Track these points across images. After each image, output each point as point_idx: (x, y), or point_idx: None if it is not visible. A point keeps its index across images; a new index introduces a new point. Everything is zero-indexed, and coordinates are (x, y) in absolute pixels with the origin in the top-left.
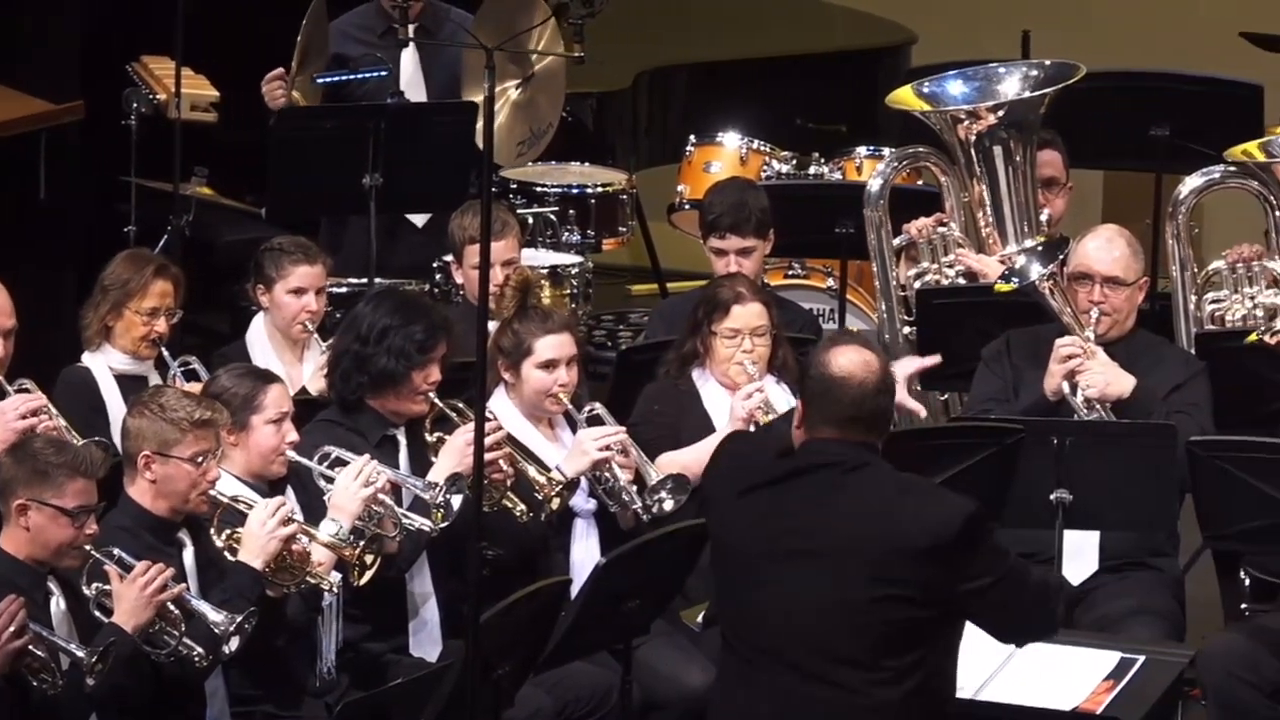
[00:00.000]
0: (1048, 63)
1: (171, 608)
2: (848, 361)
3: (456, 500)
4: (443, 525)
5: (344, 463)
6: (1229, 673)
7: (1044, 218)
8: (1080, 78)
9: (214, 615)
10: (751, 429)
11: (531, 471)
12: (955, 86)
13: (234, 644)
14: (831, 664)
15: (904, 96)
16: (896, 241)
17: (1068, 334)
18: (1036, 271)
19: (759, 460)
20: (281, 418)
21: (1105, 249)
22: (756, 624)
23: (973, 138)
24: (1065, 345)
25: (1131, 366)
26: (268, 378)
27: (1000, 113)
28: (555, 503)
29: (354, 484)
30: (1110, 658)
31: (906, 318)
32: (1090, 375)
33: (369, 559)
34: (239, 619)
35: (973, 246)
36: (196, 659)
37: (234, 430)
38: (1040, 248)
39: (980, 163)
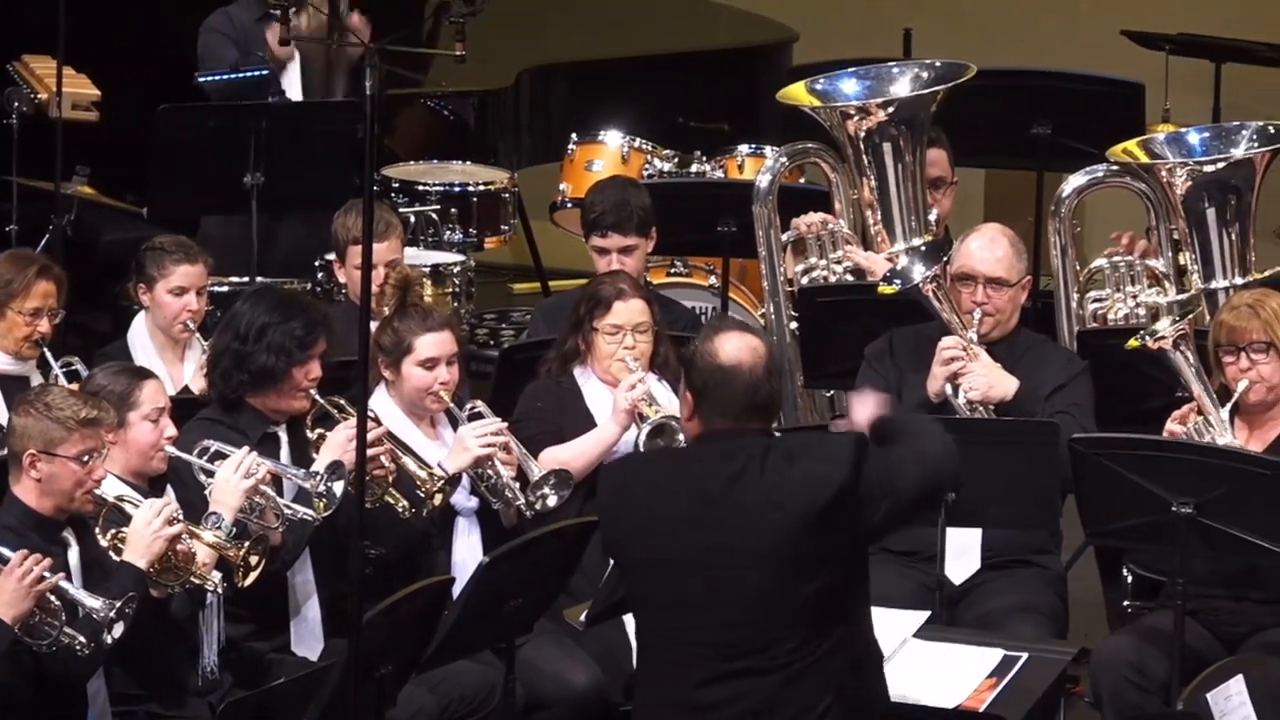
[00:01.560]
0: (938, 62)
1: (51, 598)
2: (735, 349)
3: (338, 487)
4: (326, 513)
5: (224, 456)
6: (1121, 676)
7: (931, 217)
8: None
9: (92, 602)
10: (635, 420)
11: (413, 467)
12: (848, 85)
13: (116, 630)
14: (764, 650)
15: (796, 92)
16: (785, 238)
17: (950, 334)
18: (919, 273)
19: (655, 467)
20: (158, 413)
21: (988, 249)
22: (685, 622)
23: (863, 134)
24: (948, 347)
25: (1014, 366)
26: (142, 374)
27: (891, 109)
28: (437, 499)
29: (234, 476)
30: (993, 655)
31: (794, 314)
32: (973, 377)
33: (254, 560)
34: (118, 604)
35: (861, 243)
36: (79, 648)
37: (112, 429)
38: (923, 248)
39: (870, 159)
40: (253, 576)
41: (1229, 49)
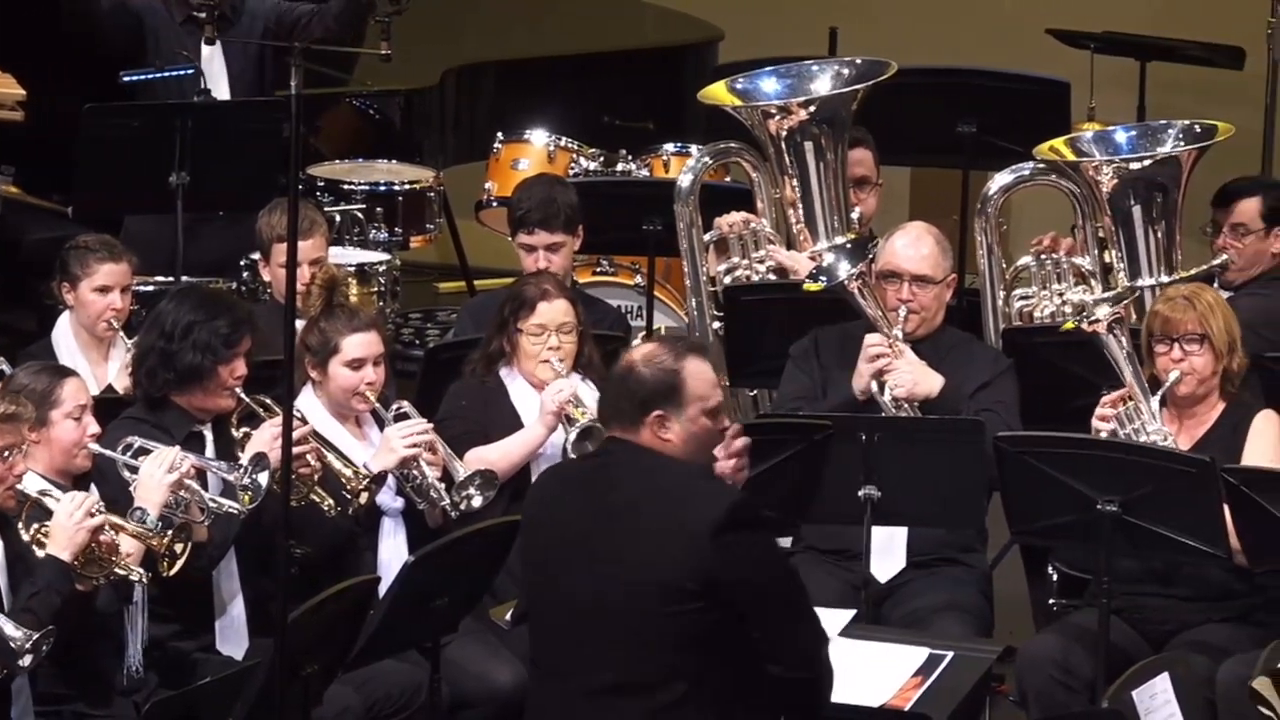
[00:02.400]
0: (859, 60)
1: None
2: (631, 354)
3: (263, 479)
4: (251, 506)
5: (148, 453)
6: (1047, 674)
7: (855, 216)
8: (891, 74)
9: (11, 631)
10: (563, 422)
11: (338, 466)
12: (769, 84)
13: (27, 661)
14: (626, 672)
15: (716, 92)
16: (707, 237)
17: (876, 332)
18: (844, 271)
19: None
20: (80, 411)
21: (913, 247)
22: (556, 634)
23: (784, 132)
24: (873, 345)
25: (939, 364)
26: (64, 372)
27: (812, 108)
28: (363, 497)
29: (159, 470)
30: (918, 654)
31: (717, 313)
32: (898, 375)
33: (178, 548)
34: (35, 637)
35: (783, 242)
36: None
37: (35, 427)
38: (848, 246)
39: (791, 158)
40: (178, 565)
41: (1154, 47)
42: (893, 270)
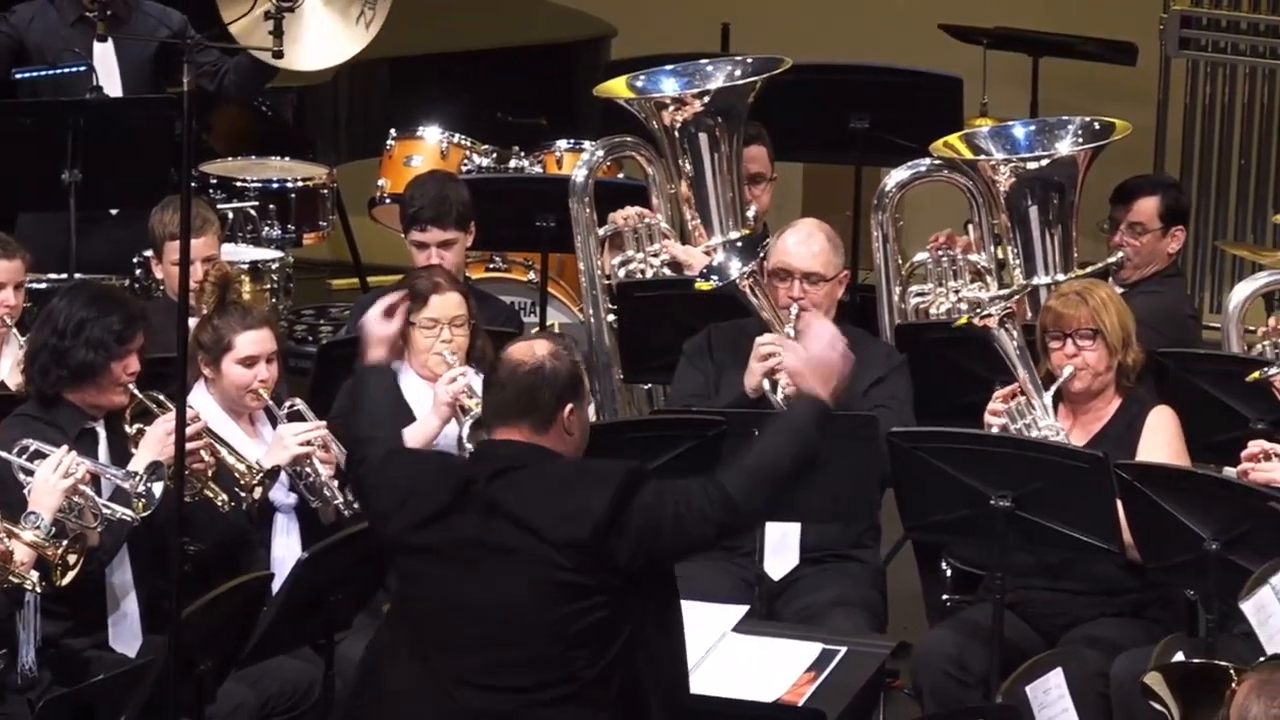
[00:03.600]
0: (752, 57)
1: None
2: (520, 353)
3: (158, 488)
4: (145, 514)
5: (44, 456)
6: (941, 669)
7: (750, 212)
8: (784, 70)
9: None
10: (456, 413)
11: (231, 461)
12: (667, 82)
13: None
14: (522, 671)
15: (615, 86)
16: (601, 232)
17: (768, 330)
18: (735, 270)
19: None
20: None
21: (804, 244)
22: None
23: (678, 127)
24: (765, 344)
25: None
26: None
27: (706, 100)
28: (257, 492)
29: (53, 476)
30: (812, 649)
31: (611, 308)
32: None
33: (71, 559)
34: None
35: (678, 237)
36: None
37: None
38: (741, 244)
39: (686, 153)
40: (70, 575)
41: (1047, 43)
42: (784, 268)
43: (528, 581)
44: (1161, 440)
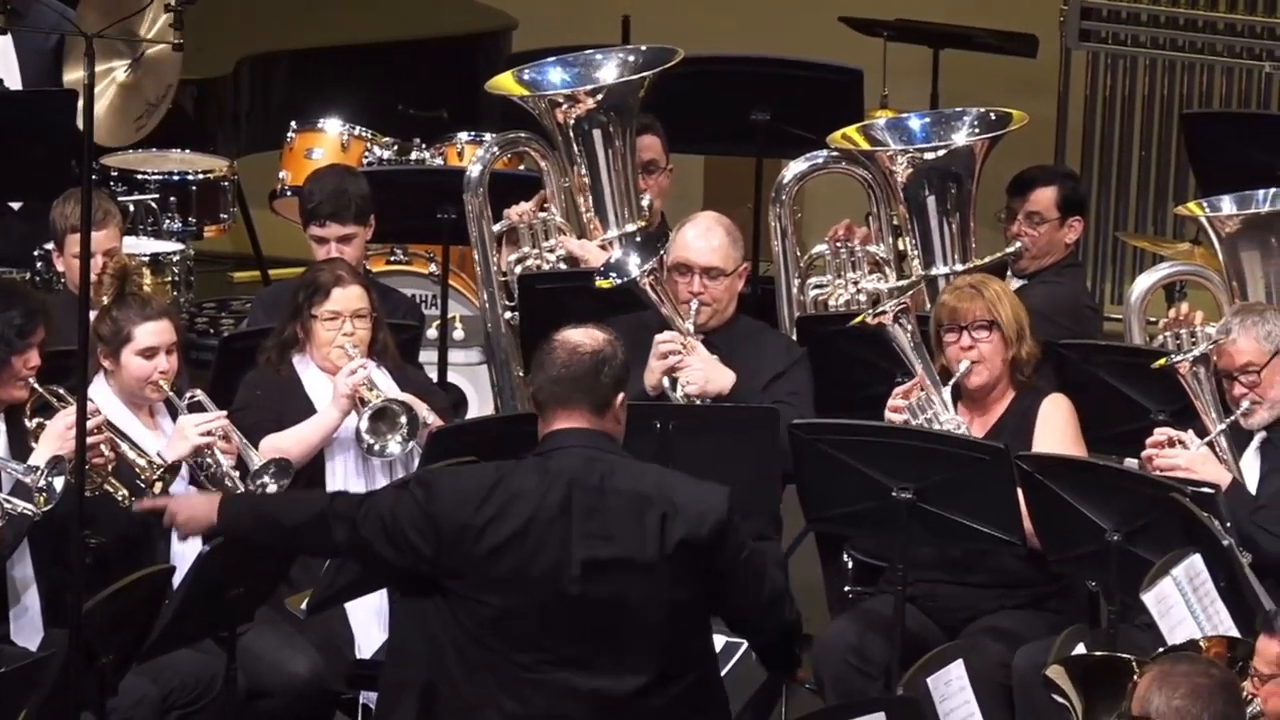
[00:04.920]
0: (644, 48)
1: None
2: (580, 339)
3: (59, 483)
4: (46, 508)
5: None
6: (843, 661)
7: (645, 203)
8: (679, 62)
9: None
10: (356, 405)
11: (132, 455)
12: (555, 73)
13: None
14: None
15: (503, 82)
16: (497, 227)
17: (668, 326)
18: (635, 266)
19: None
20: None
21: (703, 239)
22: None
23: (571, 121)
24: (664, 342)
25: (732, 354)
26: None
27: (598, 97)
28: (158, 487)
29: None
30: (715, 641)
31: (508, 303)
32: (690, 372)
33: None
34: None
35: (574, 231)
36: None
37: None
38: (639, 240)
39: (580, 147)
40: None
41: (947, 35)
42: (684, 263)
43: (639, 571)
44: (1056, 428)
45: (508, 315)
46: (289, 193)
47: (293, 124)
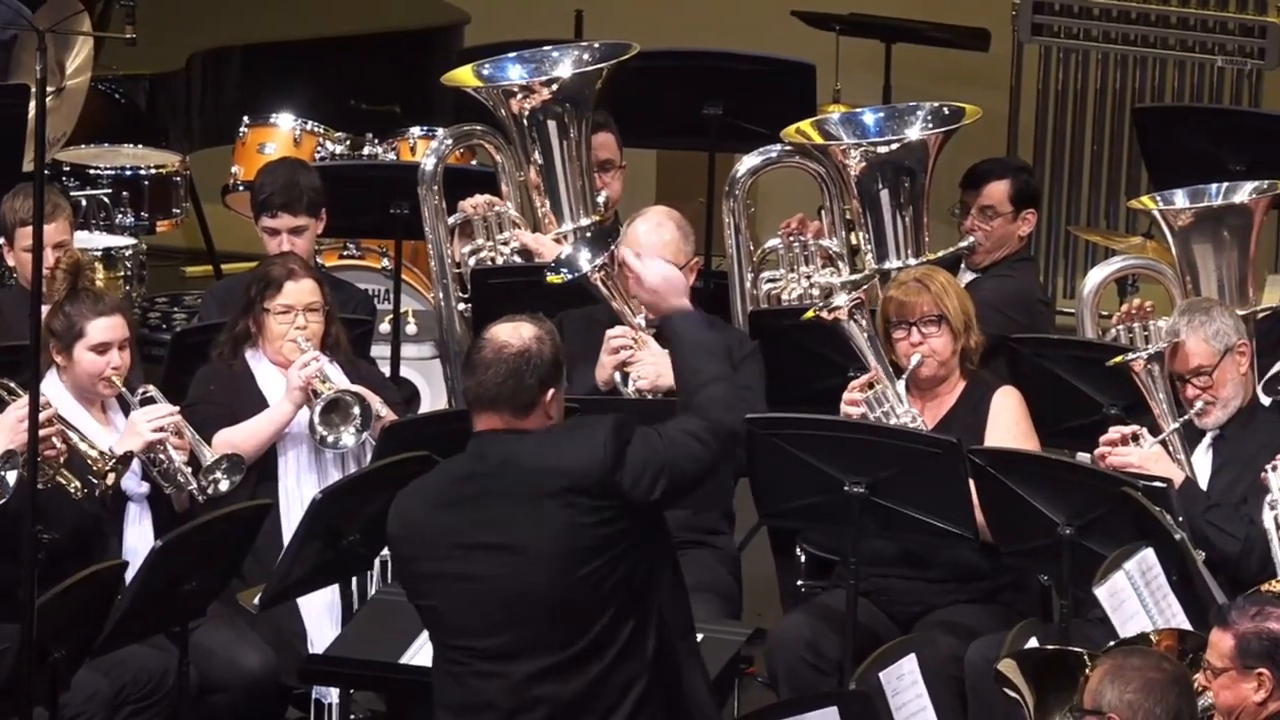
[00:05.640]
0: (600, 43)
1: None
2: (506, 335)
3: (11, 476)
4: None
5: None
6: (797, 655)
7: (601, 199)
8: (633, 56)
9: None
10: (309, 398)
11: (84, 447)
12: (513, 69)
13: None
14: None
15: (461, 75)
16: (451, 220)
17: (620, 322)
18: (585, 262)
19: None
20: None
21: (654, 233)
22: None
23: (526, 114)
24: (616, 337)
25: None
26: None
27: (554, 88)
28: (110, 478)
29: None
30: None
31: (462, 295)
32: (641, 366)
33: None
34: None
35: (528, 225)
36: None
37: None
38: (591, 234)
39: (534, 140)
40: None
41: (899, 29)
42: None
43: (550, 546)
44: (1008, 422)
45: (461, 308)
46: (241, 187)
47: (245, 119)
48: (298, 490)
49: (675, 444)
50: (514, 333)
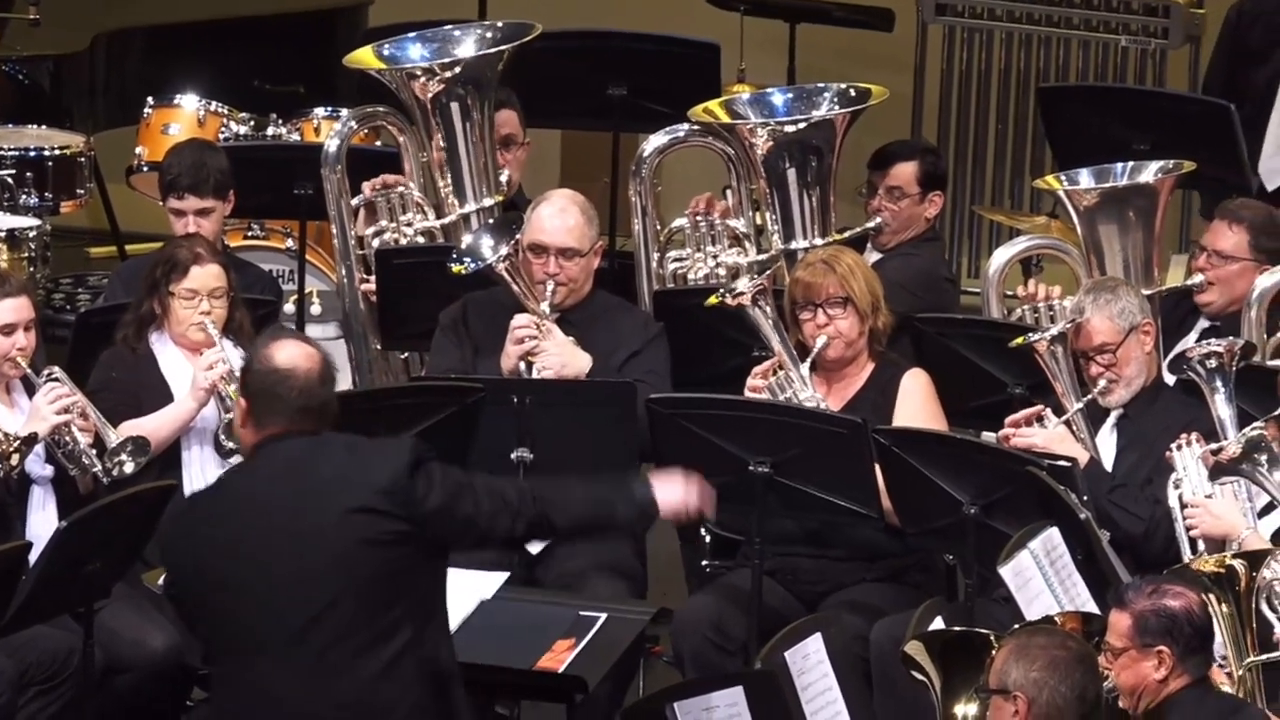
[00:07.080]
0: (502, 23)
1: None
2: (288, 356)
3: None
4: None
5: None
6: (702, 635)
7: (504, 178)
8: (536, 36)
9: None
10: (216, 398)
11: None
12: (415, 49)
13: None
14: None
15: (362, 57)
16: (355, 201)
17: (523, 308)
18: (489, 252)
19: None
20: None
21: (559, 219)
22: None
23: (429, 95)
24: (520, 326)
25: (588, 331)
26: None
27: (456, 70)
28: (14, 459)
29: None
30: (569, 615)
31: (366, 276)
32: (545, 356)
33: None
34: None
35: (432, 205)
36: None
37: None
38: (492, 223)
39: (437, 121)
40: None
41: (803, 10)
42: (539, 244)
43: (333, 538)
44: (917, 403)
45: (365, 288)
46: (146, 168)
47: (149, 99)
48: (203, 479)
49: (495, 493)
50: (276, 351)
